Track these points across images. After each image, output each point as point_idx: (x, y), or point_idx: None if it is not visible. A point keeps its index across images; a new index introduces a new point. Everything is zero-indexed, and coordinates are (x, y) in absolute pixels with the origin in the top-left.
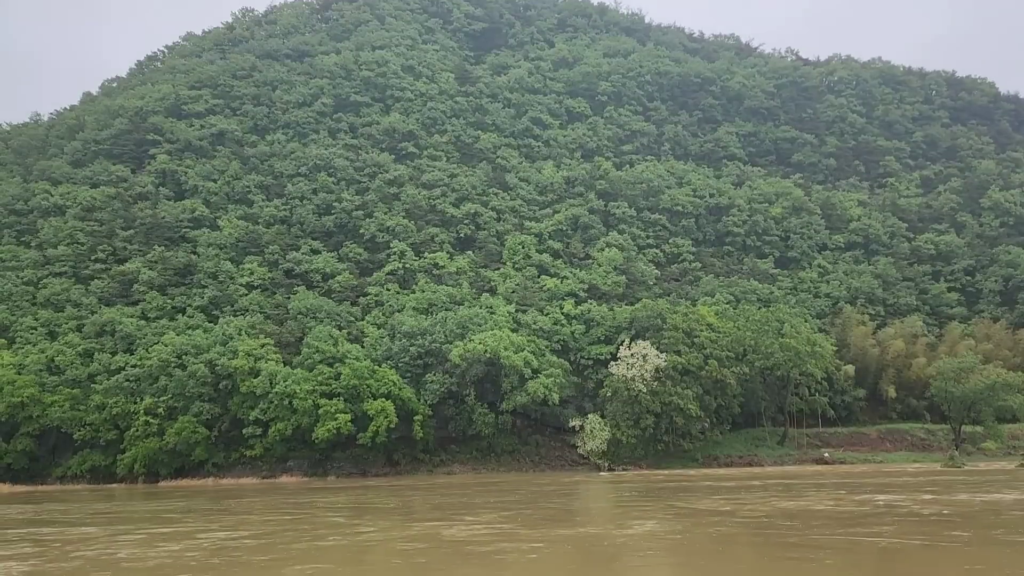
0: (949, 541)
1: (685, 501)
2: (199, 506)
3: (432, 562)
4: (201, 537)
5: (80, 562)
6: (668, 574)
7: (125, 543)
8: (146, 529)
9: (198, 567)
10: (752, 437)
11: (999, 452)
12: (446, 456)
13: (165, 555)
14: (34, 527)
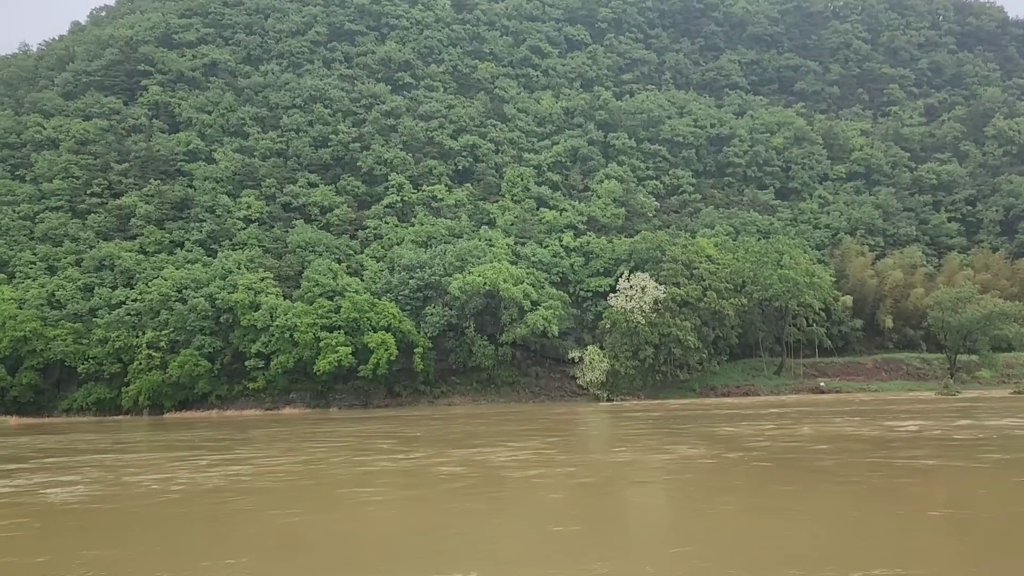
0: (989, 463)
1: (705, 428)
2: (226, 436)
3: (498, 483)
4: (254, 462)
5: (161, 485)
6: (729, 495)
7: (182, 467)
8: (191, 455)
9: (271, 487)
10: (749, 367)
11: (993, 381)
12: (447, 388)
13: (231, 477)
14: (83, 455)
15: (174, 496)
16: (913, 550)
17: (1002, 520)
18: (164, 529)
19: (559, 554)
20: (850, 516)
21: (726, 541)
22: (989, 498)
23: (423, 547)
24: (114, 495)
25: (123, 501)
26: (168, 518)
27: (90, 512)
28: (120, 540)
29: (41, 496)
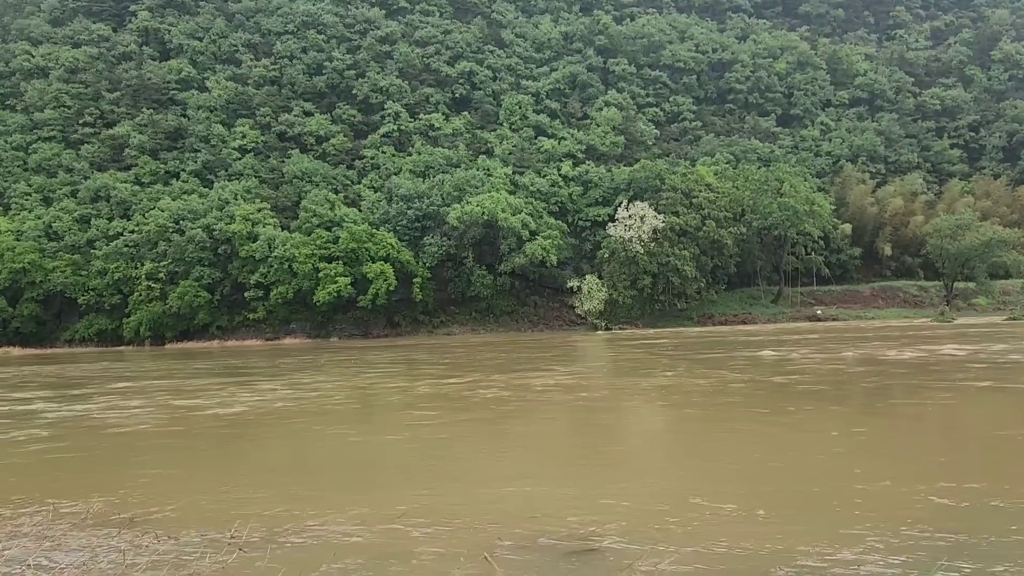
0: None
1: (731, 354)
2: (252, 364)
3: (551, 405)
4: (302, 387)
5: (224, 408)
6: (791, 416)
7: (237, 391)
8: (233, 382)
9: (334, 410)
10: (747, 296)
11: (989, 308)
12: (446, 317)
13: (291, 400)
14: (124, 382)
15: (249, 417)
16: None
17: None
18: (250, 445)
19: (629, 467)
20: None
21: (821, 467)
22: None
23: (501, 462)
24: (184, 418)
25: (196, 423)
26: (251, 437)
27: (174, 434)
28: (208, 457)
29: (111, 421)
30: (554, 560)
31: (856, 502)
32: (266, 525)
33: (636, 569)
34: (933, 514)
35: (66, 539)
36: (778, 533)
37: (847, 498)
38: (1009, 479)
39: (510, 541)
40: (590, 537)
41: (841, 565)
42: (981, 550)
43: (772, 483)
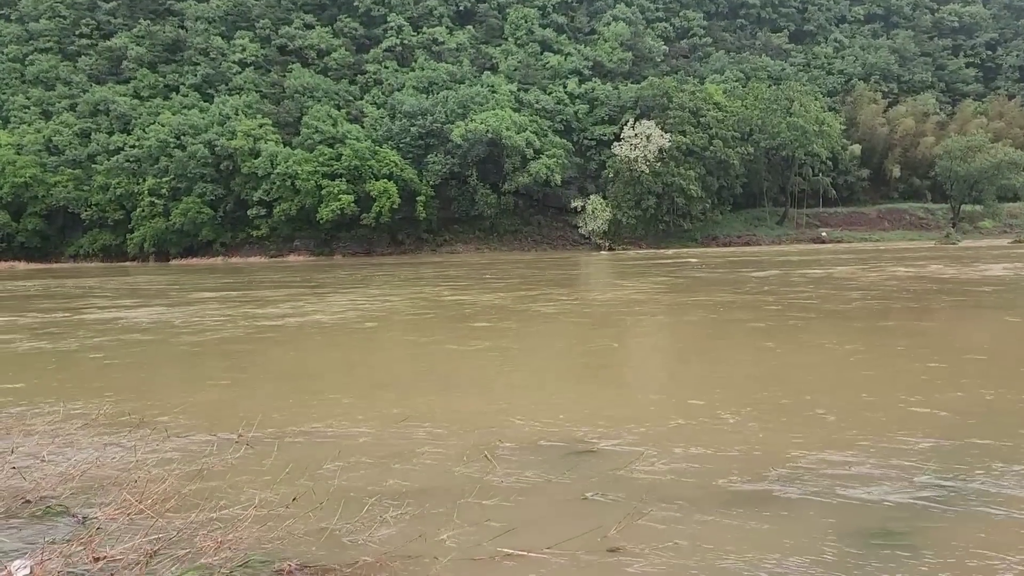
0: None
1: (771, 272)
2: (286, 278)
3: (630, 319)
4: (357, 300)
5: (292, 319)
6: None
7: (303, 302)
8: (285, 296)
9: (401, 319)
10: (752, 217)
11: (995, 231)
12: (449, 236)
13: (355, 311)
14: (170, 295)
15: (325, 326)
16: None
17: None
18: (343, 349)
19: (634, 379)
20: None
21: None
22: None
23: (515, 372)
24: (256, 326)
25: (273, 331)
26: (336, 344)
27: (256, 339)
28: (302, 364)
29: (175, 333)
30: (552, 459)
31: (860, 412)
32: (276, 426)
33: (632, 469)
34: (927, 423)
35: (77, 437)
36: (772, 439)
37: (853, 409)
38: (1011, 390)
39: (511, 443)
40: (589, 441)
41: (832, 466)
42: (971, 454)
43: (772, 394)
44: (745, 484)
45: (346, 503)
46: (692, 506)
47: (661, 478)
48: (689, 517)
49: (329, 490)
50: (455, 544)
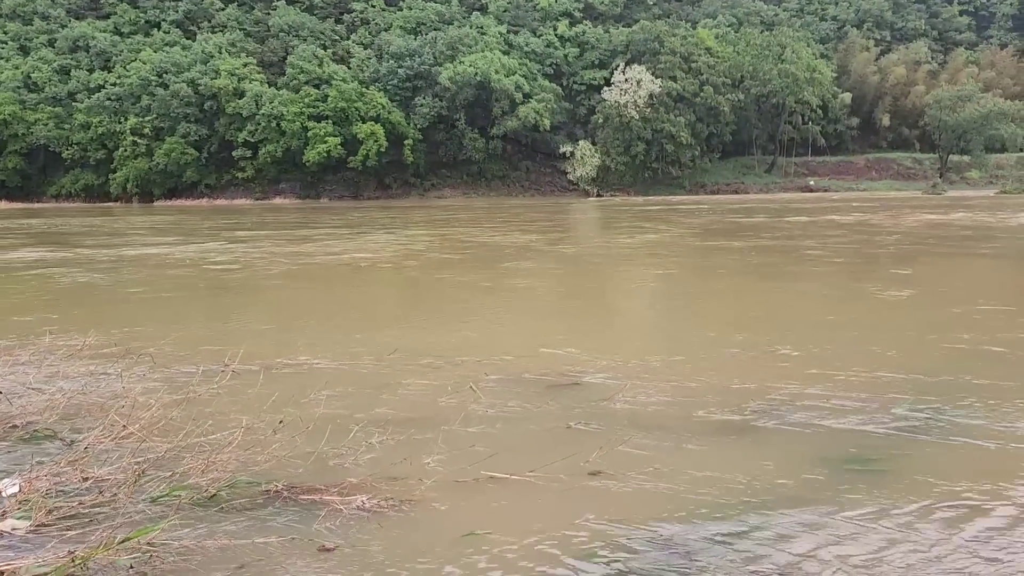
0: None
1: (765, 218)
2: (300, 219)
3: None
4: (388, 240)
5: (337, 257)
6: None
7: (335, 243)
8: (315, 236)
9: (441, 258)
10: (741, 165)
11: (981, 181)
12: (437, 180)
13: (392, 251)
14: (192, 235)
15: (381, 263)
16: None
17: None
18: (356, 287)
19: (622, 318)
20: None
21: None
22: None
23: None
24: (301, 263)
25: (322, 267)
26: (395, 282)
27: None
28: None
29: (222, 266)
30: (537, 391)
31: (843, 350)
32: (263, 358)
33: (616, 400)
34: (907, 362)
35: (62, 367)
36: (754, 374)
37: (833, 346)
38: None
39: (496, 376)
40: (574, 374)
41: (811, 399)
42: (946, 387)
43: (759, 332)
44: (725, 415)
45: (332, 430)
46: (673, 434)
47: (643, 409)
48: (669, 445)
49: (315, 417)
50: (440, 468)
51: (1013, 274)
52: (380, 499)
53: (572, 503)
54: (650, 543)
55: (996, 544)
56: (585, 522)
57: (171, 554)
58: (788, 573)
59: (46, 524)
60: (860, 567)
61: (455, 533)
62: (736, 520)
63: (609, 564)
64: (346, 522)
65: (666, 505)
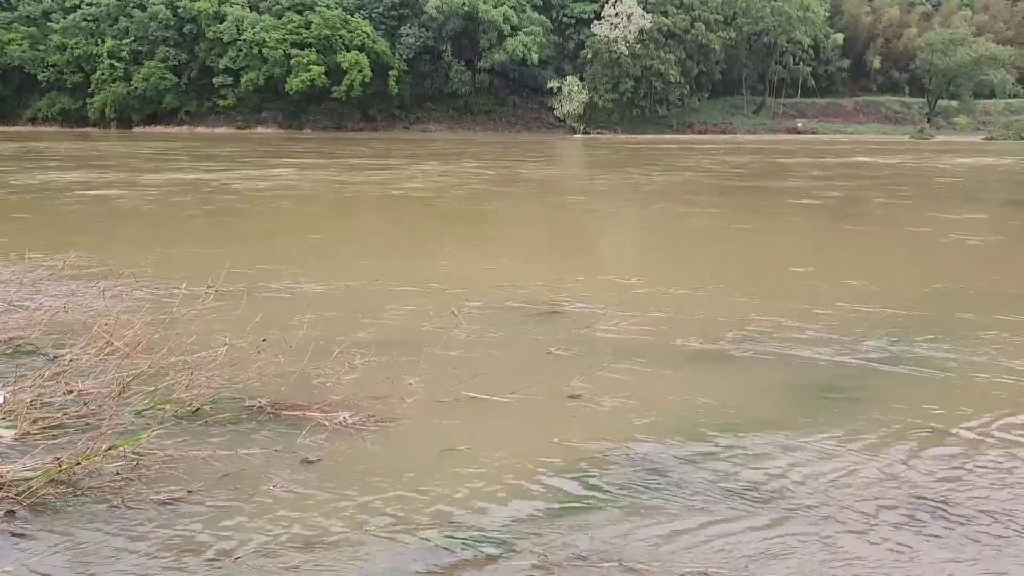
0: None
1: (784, 159)
2: (287, 147)
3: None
4: (421, 173)
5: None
6: None
7: (322, 172)
8: (309, 163)
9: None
10: (729, 105)
11: (969, 127)
12: (422, 114)
13: (401, 182)
14: (191, 161)
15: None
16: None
17: None
18: (365, 216)
19: (607, 251)
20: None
21: None
22: None
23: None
24: (300, 185)
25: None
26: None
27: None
28: None
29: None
30: (518, 319)
31: (820, 286)
32: (247, 280)
33: (595, 327)
34: (881, 297)
35: (43, 286)
36: (733, 306)
37: (809, 283)
38: (967, 273)
39: (478, 303)
40: (555, 303)
41: (787, 330)
42: (915, 322)
43: (740, 267)
44: (703, 344)
45: (315, 350)
46: (651, 361)
47: (623, 337)
48: (648, 371)
49: (298, 338)
50: (421, 388)
51: (996, 218)
52: (363, 416)
53: (551, 423)
54: (625, 461)
55: (954, 464)
56: (563, 441)
57: (156, 463)
58: (756, 489)
59: (31, 433)
60: (827, 485)
61: (436, 449)
62: (710, 441)
63: (585, 479)
64: (329, 437)
65: (642, 427)
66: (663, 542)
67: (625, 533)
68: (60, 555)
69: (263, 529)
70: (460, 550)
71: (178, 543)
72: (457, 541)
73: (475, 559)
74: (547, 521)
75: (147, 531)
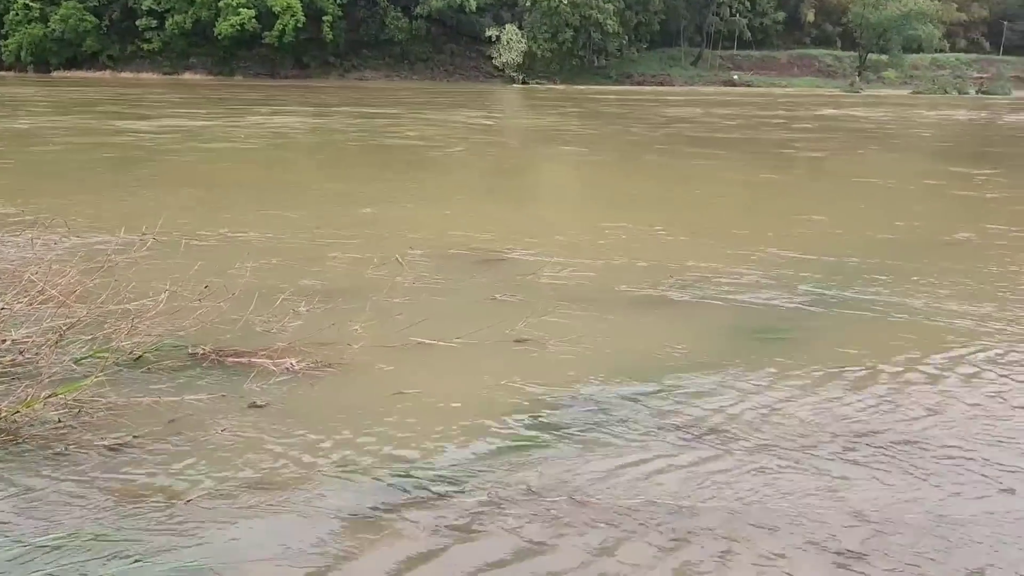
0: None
1: (723, 110)
2: (229, 94)
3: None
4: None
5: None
6: None
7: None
8: (268, 111)
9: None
10: (667, 57)
11: (897, 82)
12: (358, 61)
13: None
14: (151, 108)
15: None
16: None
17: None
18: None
19: (553, 198)
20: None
21: None
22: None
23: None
24: (235, 133)
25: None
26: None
27: None
28: None
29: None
30: (463, 266)
31: (757, 233)
32: (185, 229)
33: (540, 274)
34: (817, 243)
35: None
36: (673, 253)
37: (755, 230)
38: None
39: (422, 250)
40: (500, 251)
41: (726, 276)
42: (848, 268)
43: (680, 215)
44: (645, 290)
45: (259, 298)
46: (595, 306)
47: (567, 283)
48: (592, 315)
49: (240, 286)
50: (367, 333)
51: (926, 167)
52: (309, 362)
53: (499, 367)
54: (572, 401)
55: (882, 398)
56: (510, 383)
57: (99, 410)
58: (696, 425)
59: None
60: (762, 419)
61: (385, 392)
62: (652, 381)
63: (532, 418)
64: (276, 383)
65: (587, 368)
66: (609, 476)
67: (572, 469)
68: (7, 501)
69: (213, 472)
70: (412, 489)
71: (128, 487)
72: (409, 480)
73: (427, 497)
74: (497, 460)
75: (96, 476)
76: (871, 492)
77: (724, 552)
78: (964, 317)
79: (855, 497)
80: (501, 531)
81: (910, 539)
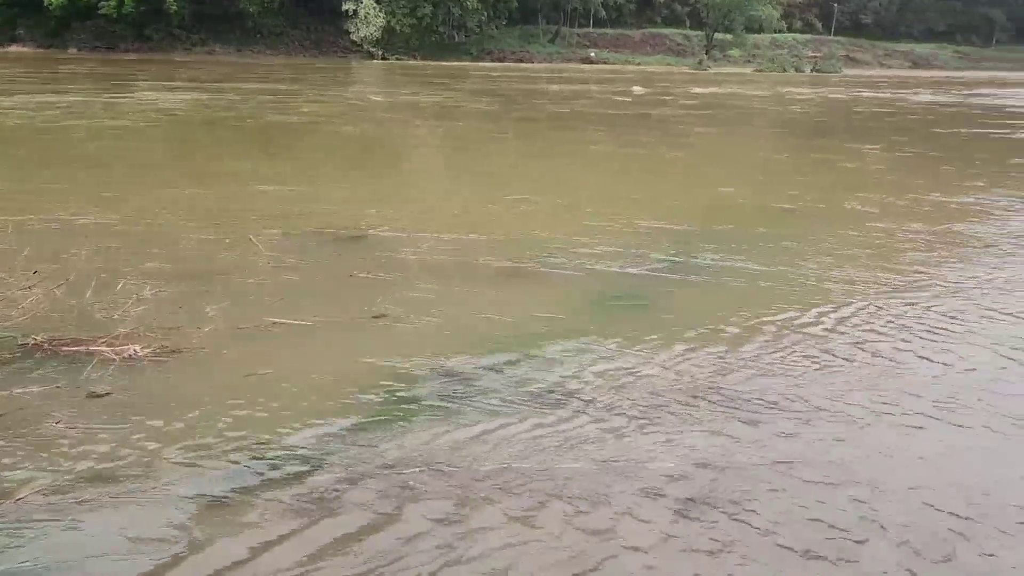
0: None
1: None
2: (63, 69)
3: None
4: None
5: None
6: None
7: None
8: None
9: None
10: (526, 34)
11: (741, 60)
12: (205, 35)
13: None
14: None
15: None
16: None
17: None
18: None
19: (415, 176)
20: None
21: None
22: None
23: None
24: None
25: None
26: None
27: None
28: None
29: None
30: (319, 244)
31: (612, 206)
32: (9, 212)
33: (399, 250)
34: (667, 214)
35: None
36: (531, 226)
37: (608, 202)
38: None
39: (277, 230)
40: (357, 228)
41: (582, 247)
42: (697, 237)
43: (538, 189)
44: (504, 262)
45: (97, 284)
46: (455, 280)
47: (427, 259)
48: (452, 289)
49: (76, 271)
50: (219, 316)
51: (774, 142)
52: (155, 348)
53: (357, 343)
54: (432, 373)
55: (727, 357)
56: (369, 359)
57: None
58: (555, 390)
59: None
60: (615, 382)
61: (238, 374)
62: (511, 351)
63: (392, 392)
64: (118, 371)
65: (447, 341)
66: (469, 444)
67: (432, 440)
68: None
69: (49, 467)
70: (267, 471)
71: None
72: (263, 462)
73: (282, 478)
74: (355, 435)
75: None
76: (714, 445)
77: (579, 511)
78: (804, 279)
79: (699, 447)
80: (357, 507)
81: (747, 483)
